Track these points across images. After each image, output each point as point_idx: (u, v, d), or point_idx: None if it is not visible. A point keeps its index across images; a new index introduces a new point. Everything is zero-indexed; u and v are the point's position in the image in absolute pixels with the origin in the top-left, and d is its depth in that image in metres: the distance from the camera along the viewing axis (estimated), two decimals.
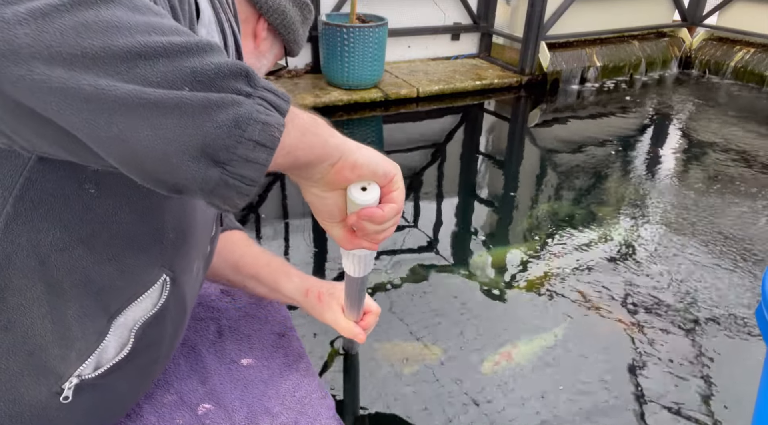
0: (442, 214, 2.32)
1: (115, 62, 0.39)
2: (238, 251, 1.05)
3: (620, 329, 1.66)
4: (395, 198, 0.63)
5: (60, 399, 0.68)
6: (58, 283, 0.63)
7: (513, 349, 1.56)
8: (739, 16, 4.23)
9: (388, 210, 0.62)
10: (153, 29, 0.40)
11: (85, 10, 0.38)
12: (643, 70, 4.29)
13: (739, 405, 1.42)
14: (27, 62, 0.37)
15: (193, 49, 0.42)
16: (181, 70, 0.41)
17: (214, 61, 0.43)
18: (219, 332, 1.07)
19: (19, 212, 0.58)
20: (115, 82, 0.39)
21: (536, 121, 3.50)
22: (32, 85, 0.37)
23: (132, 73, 0.39)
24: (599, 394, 1.43)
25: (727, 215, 2.31)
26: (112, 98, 0.39)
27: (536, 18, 3.69)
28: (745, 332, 1.66)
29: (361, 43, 3.26)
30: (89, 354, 0.68)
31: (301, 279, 1.06)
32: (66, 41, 0.37)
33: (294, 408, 0.91)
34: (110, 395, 0.76)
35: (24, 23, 0.36)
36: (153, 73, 0.40)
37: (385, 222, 0.64)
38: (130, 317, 0.71)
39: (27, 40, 0.36)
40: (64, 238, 0.61)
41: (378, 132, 3.24)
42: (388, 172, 0.61)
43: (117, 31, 0.39)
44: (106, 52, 0.38)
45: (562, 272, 1.91)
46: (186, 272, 0.76)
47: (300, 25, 0.85)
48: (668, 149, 3.10)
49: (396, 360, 1.50)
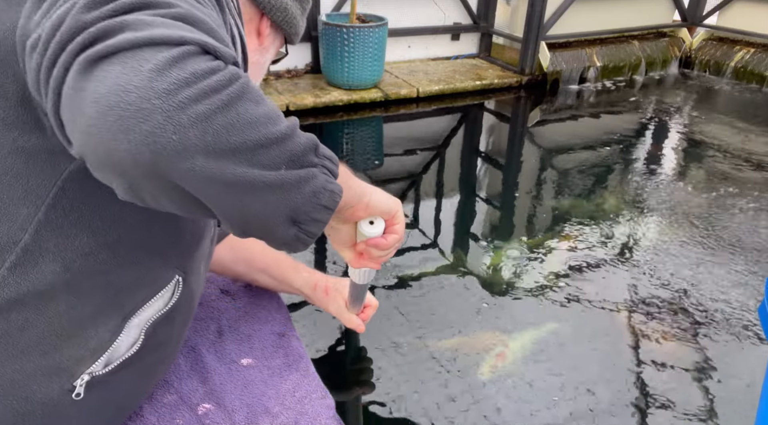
0: (442, 213, 2.32)
1: (248, 153, 0.47)
2: (250, 247, 1.15)
3: (620, 329, 1.66)
4: (397, 230, 0.75)
5: (72, 395, 0.69)
6: (78, 285, 0.65)
7: (506, 350, 1.56)
8: (739, 16, 4.23)
9: (390, 240, 0.74)
10: (268, 119, 0.49)
11: (230, 110, 0.46)
12: (643, 70, 4.29)
13: (740, 406, 1.42)
14: (192, 158, 0.45)
15: (288, 134, 0.51)
16: (283, 153, 0.50)
17: (300, 141, 0.52)
18: (219, 332, 1.07)
19: (50, 219, 0.61)
20: (245, 168, 0.47)
21: (536, 121, 3.50)
22: (192, 176, 0.45)
23: (255, 159, 0.48)
24: (599, 394, 1.43)
25: (727, 215, 2.31)
26: (243, 182, 0.48)
27: (536, 18, 3.69)
28: (746, 331, 1.66)
29: (361, 43, 3.26)
30: (102, 353, 0.70)
31: (309, 274, 1.20)
32: (219, 140, 0.45)
33: (294, 408, 0.91)
34: (117, 393, 0.77)
35: (193, 126, 0.44)
36: (268, 159, 0.49)
37: (388, 249, 0.75)
38: (143, 317, 0.73)
39: (195, 140, 0.44)
40: (91, 243, 0.63)
41: (378, 132, 3.24)
42: (392, 209, 0.72)
43: (249, 127, 0.47)
44: (242, 145, 0.47)
45: (562, 272, 1.91)
46: (195, 272, 0.80)
47: (300, 18, 0.88)
48: (668, 149, 3.10)
49: (399, 362, 1.50)
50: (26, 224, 0.60)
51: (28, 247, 0.61)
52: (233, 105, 0.46)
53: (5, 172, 0.59)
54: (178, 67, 0.44)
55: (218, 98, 0.45)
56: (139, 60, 0.43)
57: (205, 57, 0.47)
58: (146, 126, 0.42)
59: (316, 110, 3.29)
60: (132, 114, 0.42)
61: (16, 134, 0.58)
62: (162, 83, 0.43)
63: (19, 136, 0.58)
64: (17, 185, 0.59)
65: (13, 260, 0.60)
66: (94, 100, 0.42)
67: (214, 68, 0.46)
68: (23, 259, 0.61)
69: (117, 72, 0.43)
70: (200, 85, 0.45)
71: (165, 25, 0.46)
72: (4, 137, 0.58)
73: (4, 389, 0.64)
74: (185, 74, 0.44)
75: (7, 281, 0.61)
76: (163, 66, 0.43)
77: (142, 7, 0.47)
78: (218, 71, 0.46)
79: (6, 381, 0.64)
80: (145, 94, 0.42)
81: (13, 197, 0.59)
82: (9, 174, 0.59)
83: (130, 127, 0.42)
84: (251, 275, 1.17)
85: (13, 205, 0.59)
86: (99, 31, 0.45)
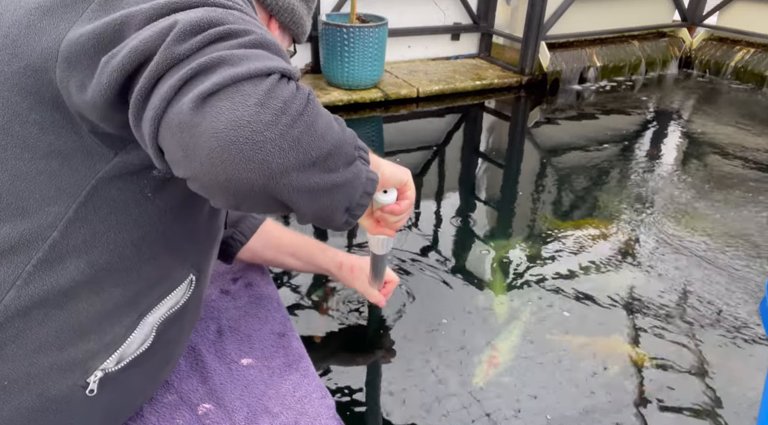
0: (441, 213, 2.32)
1: (323, 162, 0.55)
2: (277, 233, 1.25)
3: (620, 328, 1.66)
4: (408, 196, 0.83)
5: (86, 392, 0.70)
6: (100, 282, 0.67)
7: (496, 353, 1.56)
8: (739, 16, 4.23)
9: (403, 205, 0.83)
10: (330, 129, 0.56)
11: (312, 126, 0.53)
12: (643, 70, 4.29)
13: (740, 406, 1.42)
14: (289, 175, 0.52)
15: (342, 138, 0.58)
16: (341, 156, 0.57)
17: (348, 140, 0.59)
18: (219, 332, 1.07)
19: (79, 217, 0.63)
20: (321, 174, 0.55)
21: (536, 121, 3.50)
22: (288, 189, 0.53)
23: (326, 166, 0.56)
24: (599, 394, 1.43)
25: (727, 215, 2.31)
26: (321, 187, 0.55)
27: (536, 18, 3.69)
28: (746, 332, 1.66)
29: (361, 43, 3.26)
30: (116, 348, 0.72)
31: (334, 253, 1.31)
32: (307, 156, 0.53)
33: (294, 408, 0.91)
34: (126, 391, 0.78)
35: (291, 149, 0.51)
36: (334, 163, 0.57)
37: (402, 214, 0.84)
38: (157, 315, 0.75)
39: (293, 161, 0.52)
40: (117, 240, 0.66)
41: (378, 132, 3.24)
42: (403, 179, 0.81)
43: (322, 140, 0.54)
44: (320, 157, 0.54)
45: (562, 271, 1.91)
46: (206, 271, 0.83)
47: (306, 18, 0.91)
48: (668, 148, 3.10)
49: (399, 368, 1.50)
50: (56, 221, 0.62)
51: (57, 244, 0.62)
52: (313, 124, 0.54)
53: (40, 172, 0.61)
54: (273, 97, 0.51)
55: (303, 121, 0.53)
56: (244, 95, 0.50)
57: (286, 82, 0.53)
58: (261, 155, 0.50)
59: None
60: (250, 147, 0.49)
61: (53, 137, 0.61)
62: (266, 116, 0.50)
63: (56, 139, 0.61)
64: (51, 184, 0.61)
65: (40, 257, 0.62)
66: (214, 136, 0.49)
67: (295, 94, 0.53)
68: (50, 256, 0.62)
69: (228, 109, 0.49)
70: (291, 111, 0.52)
71: (252, 57, 0.52)
72: (41, 140, 0.60)
73: (19, 384, 0.64)
74: (280, 104, 0.51)
75: (33, 277, 0.62)
76: (263, 99, 0.50)
77: (225, 37, 0.53)
78: (298, 94, 0.53)
79: (22, 375, 0.64)
80: (257, 128, 0.49)
81: (45, 195, 0.61)
82: (44, 174, 0.61)
83: (249, 158, 0.49)
84: (279, 259, 1.26)
85: (45, 203, 0.61)
86: (200, 67, 0.50)
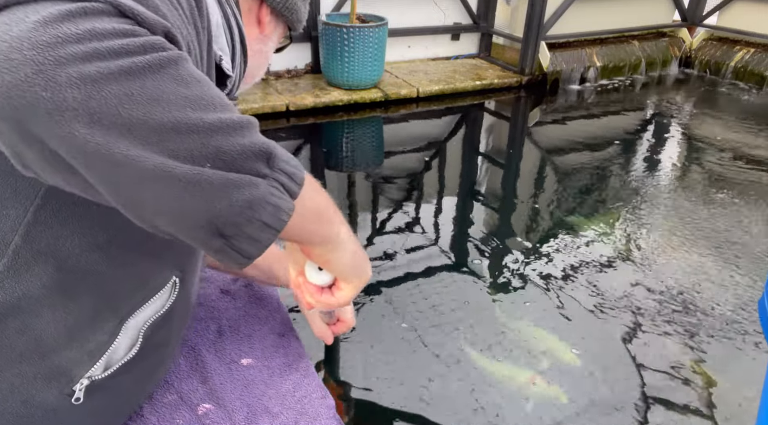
0: (441, 213, 2.32)
1: (148, 134, 0.41)
2: None
3: (620, 328, 1.66)
4: (344, 297, 0.69)
5: (71, 400, 0.68)
6: (73, 288, 0.64)
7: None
8: (739, 16, 4.23)
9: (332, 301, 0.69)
10: (190, 104, 0.43)
11: (132, 80, 0.41)
12: (643, 70, 4.29)
13: (740, 406, 1.42)
14: (69, 123, 0.39)
15: (222, 128, 0.44)
16: (206, 147, 0.44)
17: (241, 141, 0.46)
18: (219, 332, 1.07)
19: (39, 220, 0.59)
20: (144, 152, 0.41)
21: (536, 121, 3.50)
22: (70, 144, 0.40)
23: (161, 145, 0.42)
24: (599, 393, 1.43)
25: (727, 215, 2.31)
26: (140, 168, 0.42)
27: (536, 18, 3.69)
28: (746, 331, 1.66)
29: (361, 43, 3.26)
30: (100, 356, 0.69)
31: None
32: (108, 110, 0.40)
33: (294, 408, 0.91)
34: (117, 397, 0.76)
35: (73, 87, 0.39)
36: (181, 148, 0.43)
37: (325, 306, 0.70)
38: (140, 318, 0.72)
39: (73, 103, 0.39)
40: (82, 244, 0.61)
41: (378, 132, 3.24)
42: (350, 279, 0.67)
43: (156, 104, 0.41)
44: (142, 124, 0.41)
45: (562, 271, 1.91)
46: (192, 271, 0.79)
47: (301, 3, 0.86)
48: (668, 149, 3.10)
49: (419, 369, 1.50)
50: (16, 225, 0.58)
51: (20, 249, 0.59)
52: (138, 75, 0.41)
53: None
54: (71, 21, 0.39)
55: (117, 64, 0.40)
56: (29, 11, 0.39)
57: (116, 19, 0.42)
58: (9, 77, 0.38)
59: (316, 110, 3.29)
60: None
61: None
62: (43, 35, 0.38)
63: None
64: (5, 186, 0.57)
65: (6, 263, 0.59)
66: None
67: (122, 31, 0.41)
68: (15, 263, 0.60)
69: (0, 23, 0.39)
70: (95, 44, 0.40)
71: None
72: None
73: (3, 392, 0.64)
74: (77, 30, 0.39)
75: (2, 285, 0.60)
76: (52, 18, 0.39)
77: None
78: (128, 36, 0.41)
79: (6, 385, 0.63)
80: (18, 45, 0.38)
81: (1, 198, 0.58)
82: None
83: None
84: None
85: (1, 206, 0.58)
86: None
